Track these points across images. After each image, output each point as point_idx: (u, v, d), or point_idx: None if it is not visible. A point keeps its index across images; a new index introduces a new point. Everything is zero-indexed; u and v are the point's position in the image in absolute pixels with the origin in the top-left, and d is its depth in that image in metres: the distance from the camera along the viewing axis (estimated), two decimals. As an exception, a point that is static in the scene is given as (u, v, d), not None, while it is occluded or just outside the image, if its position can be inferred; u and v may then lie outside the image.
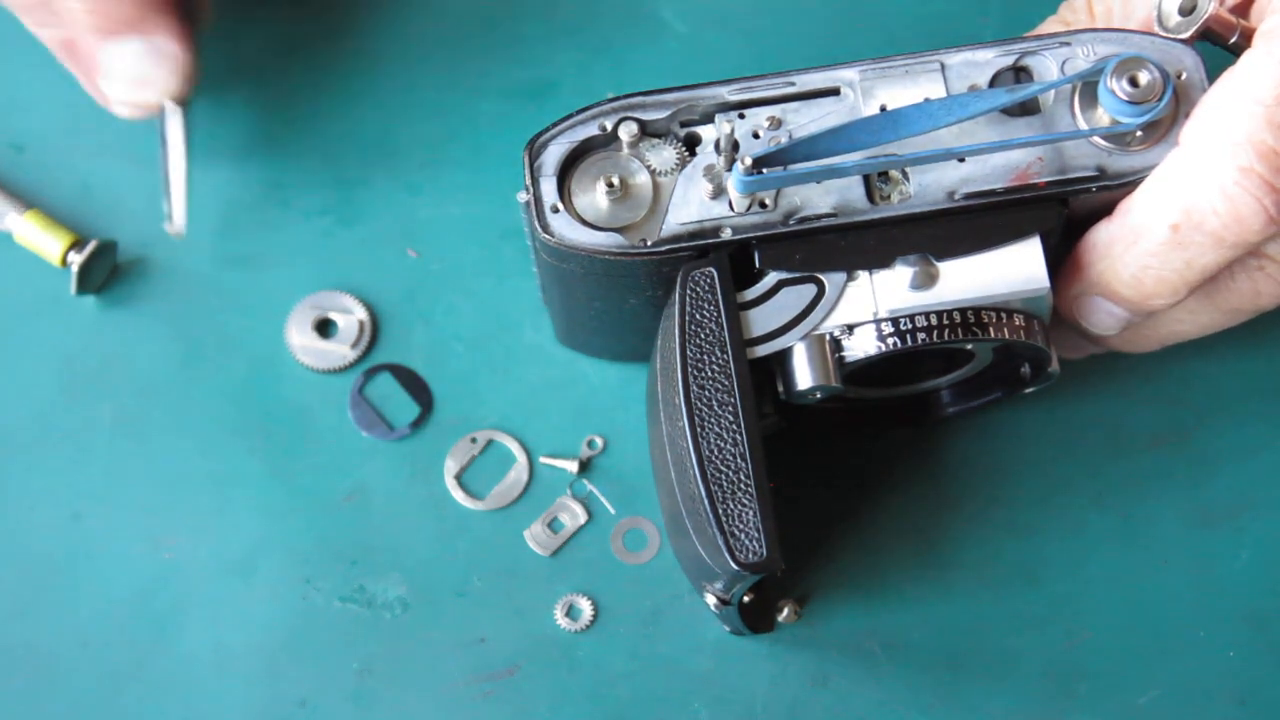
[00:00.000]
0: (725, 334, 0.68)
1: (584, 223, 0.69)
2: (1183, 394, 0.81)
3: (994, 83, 0.70)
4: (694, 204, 0.69)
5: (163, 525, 0.80)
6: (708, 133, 0.70)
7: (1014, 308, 0.70)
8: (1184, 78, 0.69)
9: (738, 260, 0.69)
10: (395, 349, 0.82)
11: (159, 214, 0.83)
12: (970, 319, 0.70)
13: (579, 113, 0.70)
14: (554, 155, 0.69)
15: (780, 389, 0.70)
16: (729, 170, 0.69)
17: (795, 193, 0.69)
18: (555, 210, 0.69)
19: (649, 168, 0.70)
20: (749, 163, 0.67)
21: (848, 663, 0.79)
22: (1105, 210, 0.71)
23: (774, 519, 0.67)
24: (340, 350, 0.82)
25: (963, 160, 0.69)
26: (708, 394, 0.68)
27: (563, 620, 0.79)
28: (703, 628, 0.79)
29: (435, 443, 0.81)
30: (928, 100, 0.69)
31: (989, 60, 0.70)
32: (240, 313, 0.82)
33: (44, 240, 0.81)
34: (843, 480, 0.80)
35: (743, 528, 0.67)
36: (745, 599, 0.74)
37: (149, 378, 0.82)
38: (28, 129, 0.84)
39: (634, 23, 0.85)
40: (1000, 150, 0.69)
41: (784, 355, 0.70)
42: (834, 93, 0.70)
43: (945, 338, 0.69)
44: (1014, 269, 0.69)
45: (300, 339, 0.82)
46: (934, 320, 0.69)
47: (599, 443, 0.81)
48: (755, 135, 0.70)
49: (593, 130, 0.70)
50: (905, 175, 0.69)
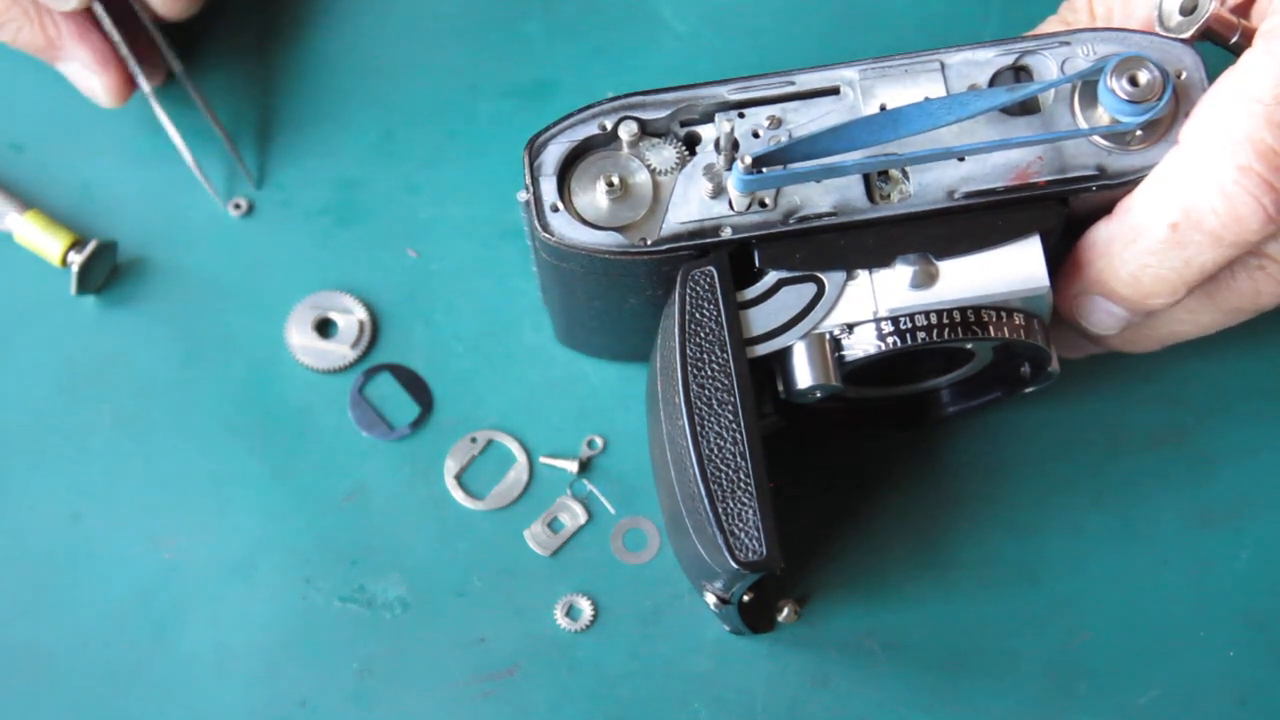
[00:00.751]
0: (725, 333, 0.68)
1: (584, 222, 0.69)
2: (1183, 394, 0.81)
3: (994, 82, 0.70)
4: (694, 203, 0.69)
5: (163, 525, 0.80)
6: (707, 132, 0.70)
7: (1014, 307, 0.70)
8: (1184, 77, 0.69)
9: (738, 259, 0.69)
10: (395, 349, 0.82)
11: (159, 214, 0.83)
12: (970, 318, 0.70)
13: (579, 112, 0.70)
14: (554, 155, 0.69)
15: (780, 388, 0.70)
16: (729, 169, 0.69)
17: (795, 192, 0.69)
18: (555, 209, 0.69)
19: (649, 167, 0.70)
20: (749, 162, 0.67)
21: (848, 663, 0.78)
22: (1105, 209, 0.71)
23: (774, 518, 0.67)
24: (340, 350, 0.82)
25: (962, 159, 0.69)
26: (708, 393, 0.68)
27: (563, 620, 0.79)
28: (703, 628, 0.79)
29: (435, 443, 0.81)
30: (928, 99, 0.68)
31: (989, 59, 0.70)
32: (240, 313, 0.82)
33: (44, 240, 0.81)
34: (843, 480, 0.80)
35: (742, 527, 0.67)
36: (745, 598, 0.74)
37: (149, 378, 0.82)
38: (28, 129, 0.84)
39: (634, 23, 0.85)
40: (1000, 149, 0.69)
41: (784, 354, 0.70)
42: (834, 92, 0.70)
43: (945, 337, 0.69)
44: (1014, 268, 0.69)
45: (300, 339, 0.82)
46: (934, 319, 0.69)
47: (599, 443, 0.81)
48: (755, 134, 0.70)
49: (592, 130, 0.70)
50: (905, 174, 0.69)
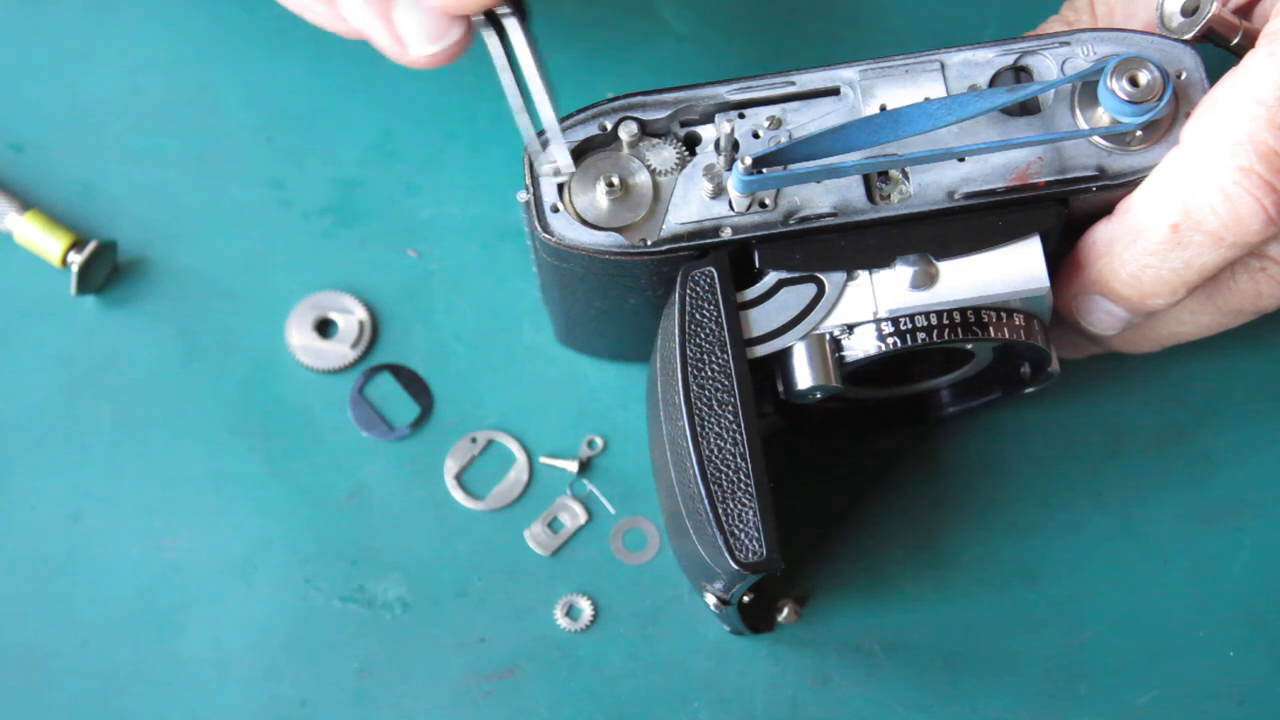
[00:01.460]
0: (725, 333, 0.68)
1: (584, 222, 0.69)
2: (1183, 394, 0.81)
3: (994, 82, 0.70)
4: (694, 204, 0.69)
5: (163, 525, 0.80)
6: (708, 132, 0.70)
7: (1014, 307, 0.70)
8: (1184, 77, 0.69)
9: (738, 260, 0.69)
10: (395, 349, 0.82)
11: (159, 214, 0.83)
12: (970, 319, 0.70)
13: (579, 112, 0.70)
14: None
15: (780, 388, 0.70)
16: (729, 170, 0.69)
17: (795, 192, 0.69)
18: (555, 210, 0.69)
19: (649, 167, 0.70)
20: (749, 162, 0.67)
21: (848, 663, 0.78)
22: (1105, 210, 0.71)
23: (773, 518, 0.67)
24: (340, 350, 0.82)
25: (963, 160, 0.69)
26: (708, 393, 0.68)
27: (563, 620, 0.79)
28: (703, 628, 0.79)
29: (435, 443, 0.81)
30: (928, 100, 0.68)
31: (989, 60, 0.70)
32: (240, 313, 0.82)
33: (44, 240, 0.81)
34: (843, 480, 0.80)
35: (742, 527, 0.67)
36: (745, 599, 0.74)
37: (149, 378, 0.82)
38: (28, 129, 0.84)
39: (634, 23, 0.85)
40: (1000, 150, 0.69)
41: (784, 355, 0.70)
42: (834, 92, 0.70)
43: (945, 337, 0.69)
44: (1014, 269, 0.69)
45: (300, 339, 0.82)
46: (934, 320, 0.69)
47: (599, 443, 0.81)
48: (755, 135, 0.70)
49: (593, 130, 0.70)
50: (905, 175, 0.69)
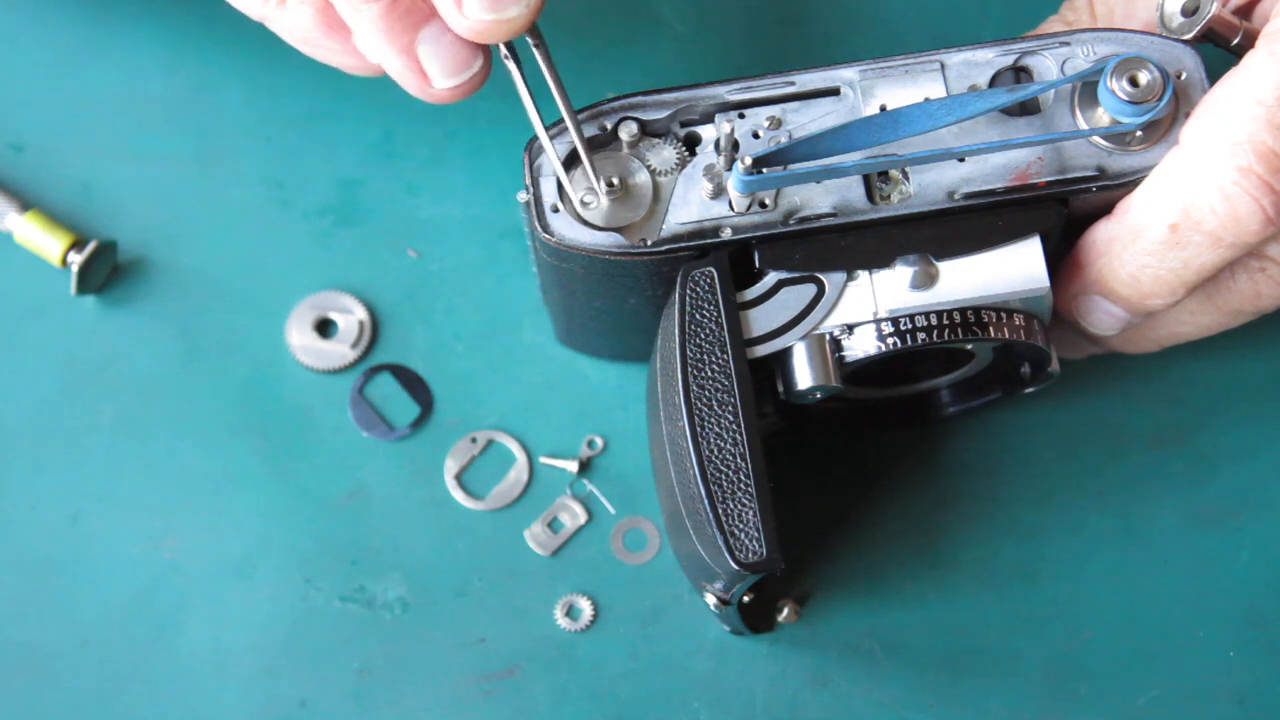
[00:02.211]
0: (725, 333, 0.68)
1: (584, 222, 0.69)
2: (1183, 394, 0.81)
3: (994, 82, 0.70)
4: (694, 204, 0.69)
5: (163, 525, 0.80)
6: (708, 132, 0.70)
7: (1014, 307, 0.70)
8: (1184, 78, 0.69)
9: (738, 260, 0.69)
10: (395, 349, 0.82)
11: (159, 214, 0.83)
12: (970, 319, 0.70)
13: (579, 112, 0.70)
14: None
15: (780, 389, 0.70)
16: (729, 170, 0.69)
17: (795, 192, 0.69)
18: (555, 210, 0.69)
19: (649, 167, 0.70)
20: (749, 162, 0.67)
21: (848, 663, 0.78)
22: (1105, 210, 0.71)
23: (773, 518, 0.67)
24: (340, 350, 0.82)
25: (962, 160, 0.69)
26: (708, 393, 0.68)
27: (563, 620, 0.79)
28: (703, 628, 0.79)
29: (435, 443, 0.81)
30: (927, 100, 0.68)
31: (989, 60, 0.70)
32: (240, 313, 0.82)
33: (44, 240, 0.81)
34: (843, 480, 0.80)
35: (742, 527, 0.67)
36: (745, 599, 0.74)
37: (149, 378, 0.82)
38: (28, 129, 0.84)
39: (634, 22, 0.85)
40: (1000, 150, 0.69)
41: (784, 355, 0.70)
42: (834, 92, 0.70)
43: (945, 337, 0.69)
44: (1014, 269, 0.69)
45: (300, 339, 0.82)
46: (934, 320, 0.69)
47: (599, 443, 0.81)
48: (755, 135, 0.70)
49: (593, 130, 0.70)
50: (905, 175, 0.69)
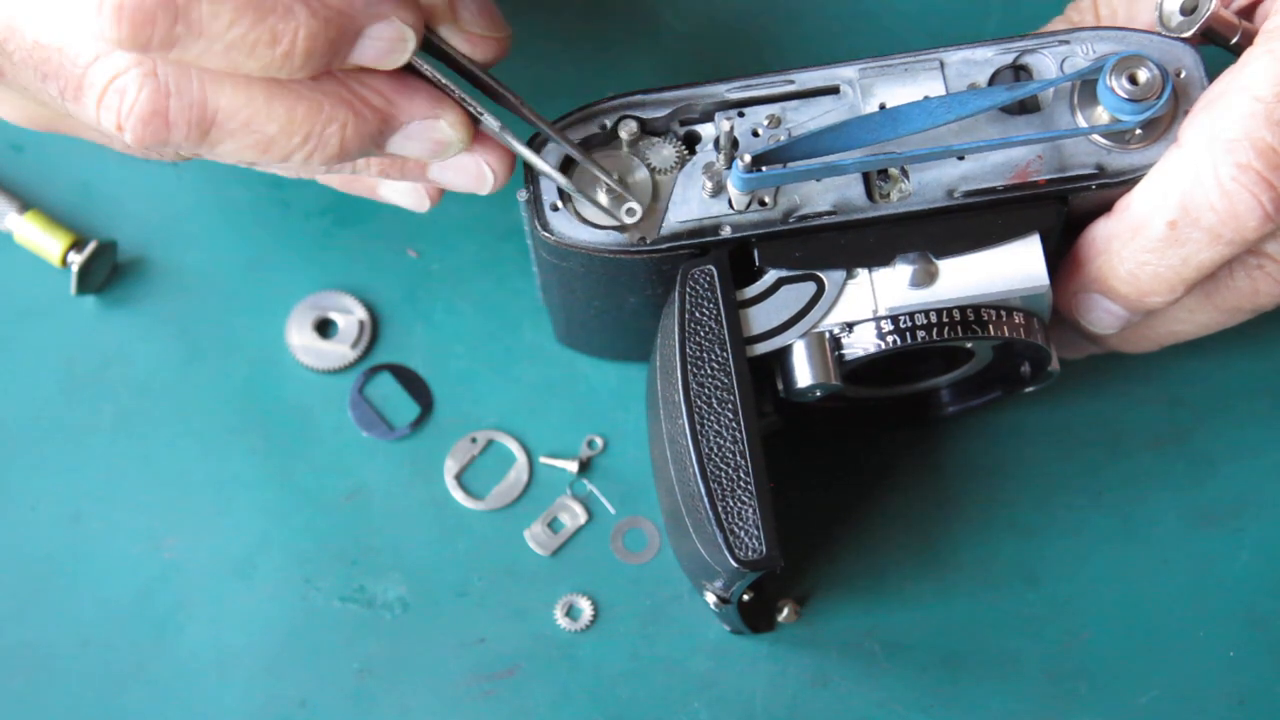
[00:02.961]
0: (725, 331, 0.68)
1: (584, 221, 0.69)
2: (1183, 394, 0.81)
3: (993, 81, 0.70)
4: (693, 202, 0.69)
5: (163, 525, 0.80)
6: (707, 131, 0.70)
7: (1014, 306, 0.70)
8: (1183, 76, 0.69)
9: (737, 258, 0.69)
10: (395, 349, 0.82)
11: (159, 214, 0.83)
12: (970, 317, 0.70)
13: (578, 111, 0.70)
14: (554, 154, 0.69)
15: (780, 387, 0.70)
16: (728, 168, 0.69)
17: (795, 190, 0.69)
18: (555, 208, 0.69)
19: (648, 166, 0.70)
20: (748, 160, 0.67)
21: (848, 663, 0.78)
22: (1104, 208, 0.71)
23: (773, 516, 0.67)
24: (340, 350, 0.82)
25: (962, 158, 0.69)
26: (707, 391, 0.68)
27: (563, 620, 0.79)
28: (703, 628, 0.79)
29: (435, 443, 0.81)
30: (927, 98, 0.69)
31: (988, 58, 0.70)
32: (240, 313, 0.82)
33: (44, 240, 0.81)
34: (843, 480, 0.80)
35: (742, 525, 0.67)
36: (745, 598, 0.74)
37: (149, 378, 0.82)
38: (28, 129, 0.84)
39: (634, 23, 0.85)
40: (1000, 148, 0.69)
41: (784, 353, 0.70)
42: (833, 91, 0.70)
43: (945, 336, 0.69)
44: (1013, 267, 0.69)
45: (300, 339, 0.82)
46: (934, 318, 0.69)
47: (599, 443, 0.81)
48: (755, 133, 0.70)
49: (592, 129, 0.70)
50: (905, 173, 0.69)
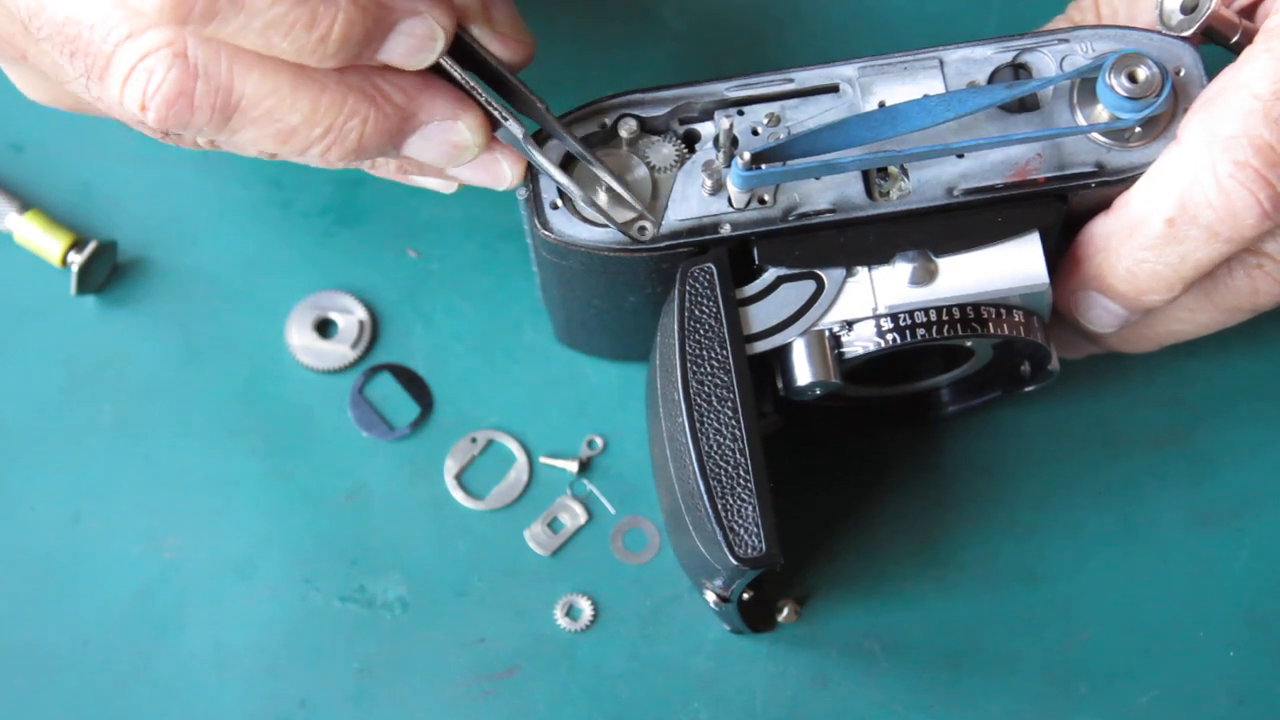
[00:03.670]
0: (724, 330, 0.68)
1: (583, 219, 0.69)
2: (1183, 394, 0.81)
3: (993, 79, 0.70)
4: (693, 200, 0.69)
5: (163, 525, 0.80)
6: (707, 129, 0.70)
7: (1013, 304, 0.70)
8: (1182, 74, 0.69)
9: (737, 256, 0.69)
10: (395, 349, 0.82)
11: (159, 214, 0.83)
12: (970, 315, 0.70)
13: (578, 110, 0.70)
14: (553, 152, 0.69)
15: (780, 385, 0.70)
16: (728, 166, 0.69)
17: (794, 189, 0.69)
18: (555, 207, 0.69)
19: (648, 164, 0.70)
20: (748, 159, 0.67)
21: (848, 663, 0.78)
22: (1104, 206, 0.71)
23: (773, 514, 0.67)
24: (340, 350, 0.82)
25: (962, 156, 0.69)
26: (707, 390, 0.68)
27: (563, 620, 0.79)
28: (703, 628, 0.79)
29: (435, 443, 0.81)
30: (927, 96, 0.69)
31: (988, 57, 0.70)
32: (240, 313, 0.82)
33: (44, 240, 0.81)
34: (843, 480, 0.80)
35: (742, 523, 0.67)
36: (745, 597, 0.74)
37: (149, 378, 0.82)
38: (28, 129, 0.84)
39: (634, 22, 0.85)
40: (999, 146, 0.69)
41: (783, 351, 0.70)
42: (833, 89, 0.70)
43: (945, 334, 0.69)
44: (1013, 265, 0.69)
45: (300, 339, 0.82)
46: (933, 316, 0.69)
47: (599, 443, 0.81)
48: (754, 132, 0.70)
49: (592, 127, 0.70)
50: (904, 171, 0.69)
